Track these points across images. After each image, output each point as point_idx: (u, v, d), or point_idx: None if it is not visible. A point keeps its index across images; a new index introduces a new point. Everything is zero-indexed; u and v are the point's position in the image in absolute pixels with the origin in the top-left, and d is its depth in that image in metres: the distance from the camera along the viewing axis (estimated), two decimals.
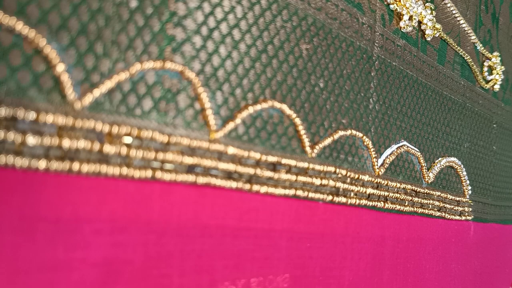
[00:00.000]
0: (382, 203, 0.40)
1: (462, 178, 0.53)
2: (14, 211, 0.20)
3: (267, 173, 0.30)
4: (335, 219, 0.35)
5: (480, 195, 0.58)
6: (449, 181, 0.51)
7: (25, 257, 0.20)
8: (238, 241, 0.28)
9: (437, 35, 0.48)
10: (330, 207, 0.35)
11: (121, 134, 0.23)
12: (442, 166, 0.49)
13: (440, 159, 0.49)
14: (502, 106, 0.65)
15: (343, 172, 0.35)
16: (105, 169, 0.22)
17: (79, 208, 0.22)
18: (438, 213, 0.48)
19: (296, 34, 0.33)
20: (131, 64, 0.24)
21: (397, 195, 0.42)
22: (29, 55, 0.20)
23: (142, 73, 0.24)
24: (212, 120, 0.27)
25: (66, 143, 0.21)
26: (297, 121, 0.32)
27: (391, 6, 0.42)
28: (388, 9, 0.42)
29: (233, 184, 0.28)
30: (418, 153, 0.45)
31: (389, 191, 0.41)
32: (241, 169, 0.28)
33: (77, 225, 0.21)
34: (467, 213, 0.54)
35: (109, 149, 0.23)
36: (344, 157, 0.36)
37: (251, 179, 0.29)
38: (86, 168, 0.22)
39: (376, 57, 0.40)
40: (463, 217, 0.53)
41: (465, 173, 0.53)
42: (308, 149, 0.33)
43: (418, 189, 0.45)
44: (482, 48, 0.59)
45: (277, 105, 0.31)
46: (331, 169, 0.34)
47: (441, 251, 0.50)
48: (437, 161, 0.48)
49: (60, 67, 0.21)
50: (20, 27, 0.20)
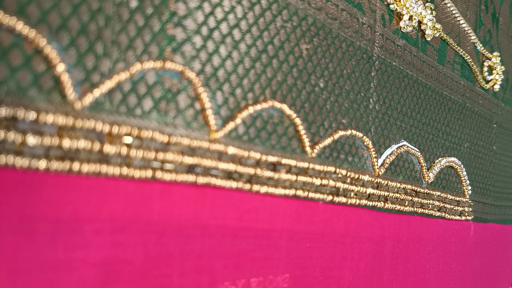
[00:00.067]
0: (382, 203, 0.40)
1: (462, 178, 0.53)
2: (14, 211, 0.20)
3: (267, 173, 0.30)
4: (335, 219, 0.35)
5: (480, 195, 0.58)
6: (449, 181, 0.51)
7: (25, 257, 0.20)
8: (238, 241, 0.28)
9: (437, 35, 0.48)
10: (330, 207, 0.35)
11: (121, 134, 0.23)
12: (442, 166, 0.49)
13: (440, 159, 0.49)
14: (502, 106, 0.65)
15: (343, 172, 0.35)
16: (105, 169, 0.22)
17: (79, 208, 0.22)
18: (438, 213, 0.48)
19: (296, 34, 0.33)
20: (131, 64, 0.24)
21: (397, 195, 0.42)
22: (29, 55, 0.20)
23: (142, 73, 0.24)
24: (212, 120, 0.27)
25: (66, 143, 0.21)
26: (297, 121, 0.32)
27: (391, 6, 0.42)
28: (388, 9, 0.42)
29: (233, 184, 0.28)
30: (418, 153, 0.45)
31: (389, 191, 0.41)
32: (241, 169, 0.28)
33: (77, 225, 0.21)
34: (467, 213, 0.54)
35: (109, 149, 0.23)
36: (344, 157, 0.36)
37: (251, 179, 0.29)
38: (86, 168, 0.22)
39: (376, 57, 0.40)
40: (463, 217, 0.53)
41: (465, 173, 0.53)
42: (308, 149, 0.33)
43: (418, 189, 0.45)
44: (482, 48, 0.59)
45: (277, 105, 0.31)
46: (331, 169, 0.34)
47: (441, 251, 0.50)
48: (437, 161, 0.48)
49: (60, 67, 0.21)
50: (20, 27, 0.20)
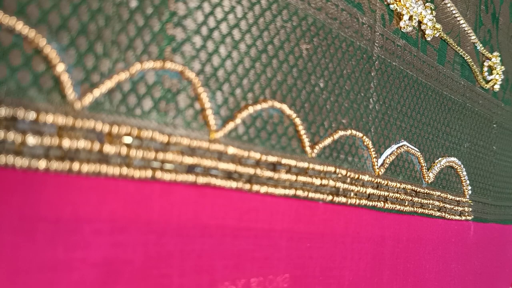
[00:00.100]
0: (382, 203, 0.40)
1: (462, 178, 0.53)
2: (14, 211, 0.20)
3: (267, 173, 0.30)
4: (335, 219, 0.35)
5: (480, 195, 0.58)
6: (449, 181, 0.51)
7: (25, 257, 0.20)
8: (238, 241, 0.28)
9: (437, 35, 0.48)
10: (330, 207, 0.35)
11: (121, 134, 0.23)
12: (442, 166, 0.49)
13: (440, 159, 0.49)
14: (502, 106, 0.65)
15: (343, 172, 0.35)
16: (105, 169, 0.22)
17: (79, 208, 0.22)
18: (438, 213, 0.48)
19: (296, 34, 0.33)
20: (131, 64, 0.24)
21: (397, 195, 0.42)
22: (29, 55, 0.20)
23: (142, 73, 0.24)
24: (212, 120, 0.27)
25: (66, 143, 0.21)
26: (297, 121, 0.32)
27: (391, 6, 0.42)
28: (388, 9, 0.42)
29: (233, 184, 0.28)
30: (418, 153, 0.45)
31: (389, 191, 0.41)
32: (241, 169, 0.28)
33: (77, 225, 0.21)
34: (467, 213, 0.54)
35: (109, 149, 0.23)
36: (344, 157, 0.36)
37: (251, 179, 0.29)
38: (86, 168, 0.22)
39: (376, 57, 0.40)
40: (463, 217, 0.53)
41: (465, 173, 0.53)
42: (308, 149, 0.33)
43: (418, 189, 0.45)
44: (482, 48, 0.59)
45: (277, 105, 0.31)
46: (331, 169, 0.34)
47: (441, 251, 0.50)
48: (437, 161, 0.48)
49: (60, 67, 0.21)
50: (20, 27, 0.20)
